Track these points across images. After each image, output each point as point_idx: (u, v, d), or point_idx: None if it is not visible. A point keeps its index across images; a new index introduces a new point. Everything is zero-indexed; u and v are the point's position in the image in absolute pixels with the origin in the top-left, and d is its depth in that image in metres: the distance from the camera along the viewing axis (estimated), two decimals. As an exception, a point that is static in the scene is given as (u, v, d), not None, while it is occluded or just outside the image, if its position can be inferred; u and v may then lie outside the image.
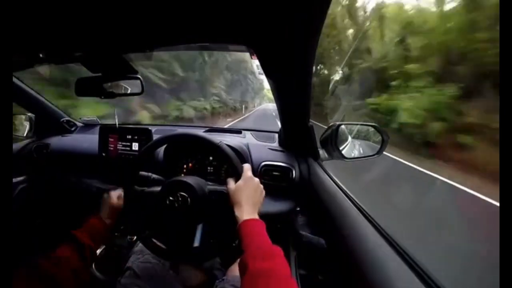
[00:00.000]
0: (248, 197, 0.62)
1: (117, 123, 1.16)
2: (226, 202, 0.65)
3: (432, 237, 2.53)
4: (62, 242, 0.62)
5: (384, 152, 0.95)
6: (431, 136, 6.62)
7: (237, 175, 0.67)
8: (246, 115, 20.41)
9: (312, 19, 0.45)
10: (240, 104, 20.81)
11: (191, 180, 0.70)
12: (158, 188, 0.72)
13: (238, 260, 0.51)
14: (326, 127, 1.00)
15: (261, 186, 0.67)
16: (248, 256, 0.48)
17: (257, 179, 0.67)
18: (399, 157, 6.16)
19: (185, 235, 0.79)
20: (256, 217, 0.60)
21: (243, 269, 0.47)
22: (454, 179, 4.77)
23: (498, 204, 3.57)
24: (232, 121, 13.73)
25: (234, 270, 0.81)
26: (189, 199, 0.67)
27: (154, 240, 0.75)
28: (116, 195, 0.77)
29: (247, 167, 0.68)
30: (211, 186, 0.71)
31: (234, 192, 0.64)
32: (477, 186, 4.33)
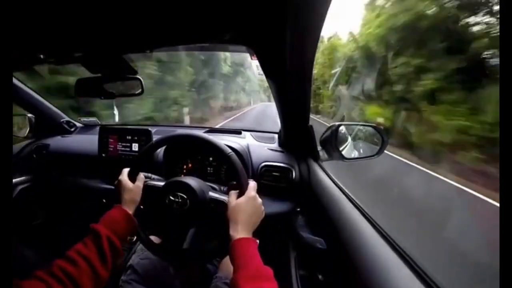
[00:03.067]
0: (247, 217, 0.61)
1: (116, 121, 1.16)
2: (225, 212, 0.64)
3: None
4: (82, 237, 0.58)
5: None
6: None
7: (241, 190, 0.65)
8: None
9: (312, 20, 0.45)
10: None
11: (192, 182, 0.70)
12: (160, 184, 0.72)
13: (232, 275, 0.51)
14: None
15: (262, 207, 0.66)
16: (240, 277, 0.49)
17: (260, 200, 0.65)
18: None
19: (178, 236, 0.79)
20: (250, 236, 0.59)
21: None
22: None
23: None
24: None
25: (226, 265, 0.82)
26: (188, 201, 0.67)
27: (151, 237, 0.75)
28: (126, 176, 0.71)
29: (252, 185, 0.66)
30: (213, 193, 0.71)
31: (234, 208, 0.62)
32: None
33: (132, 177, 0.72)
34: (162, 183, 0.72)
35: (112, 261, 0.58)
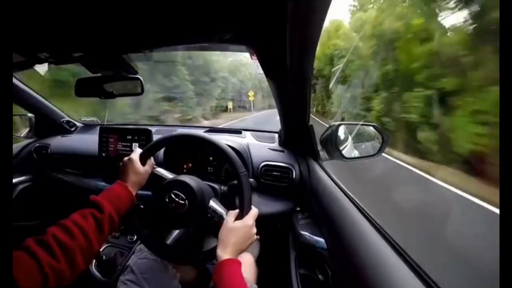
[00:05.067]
0: (238, 242, 0.61)
1: (105, 122, 1.17)
2: (219, 226, 0.64)
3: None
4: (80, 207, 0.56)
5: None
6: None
7: (241, 213, 0.65)
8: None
9: (312, 19, 0.45)
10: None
11: (195, 184, 0.70)
12: (168, 175, 0.73)
13: None
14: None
15: (255, 237, 0.66)
16: None
17: (255, 230, 0.65)
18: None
19: (166, 232, 0.80)
20: (237, 259, 0.60)
21: None
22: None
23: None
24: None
25: None
26: (187, 203, 0.67)
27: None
28: (137, 156, 0.71)
29: (253, 213, 0.66)
30: (213, 203, 0.70)
31: (229, 230, 0.62)
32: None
33: (143, 159, 0.72)
34: (170, 175, 0.73)
35: (108, 235, 0.57)
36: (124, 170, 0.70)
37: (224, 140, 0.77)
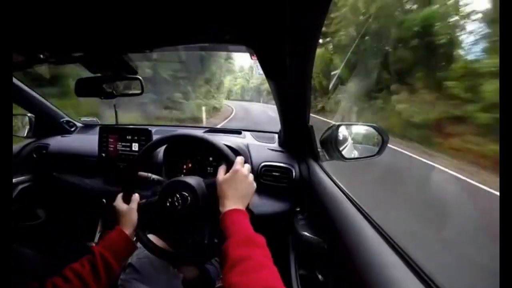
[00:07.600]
0: (234, 191, 0.61)
1: (117, 121, 1.16)
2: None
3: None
4: (79, 256, 0.60)
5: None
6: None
7: (228, 166, 0.65)
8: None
9: (312, 20, 0.45)
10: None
11: (190, 179, 0.70)
12: (155, 198, 0.73)
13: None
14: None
15: (251, 177, 0.65)
16: (229, 244, 0.49)
17: (245, 172, 0.65)
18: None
19: (188, 236, 0.79)
20: (241, 208, 0.59)
21: (224, 257, 0.48)
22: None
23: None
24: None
25: None
26: (189, 198, 0.67)
27: (153, 241, 0.75)
28: (120, 201, 0.73)
29: (239, 160, 0.66)
30: (206, 180, 0.71)
31: (221, 184, 0.62)
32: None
33: (126, 198, 0.73)
34: (156, 198, 0.73)
35: (107, 280, 0.59)
36: (115, 216, 0.72)
37: (223, 140, 0.77)
